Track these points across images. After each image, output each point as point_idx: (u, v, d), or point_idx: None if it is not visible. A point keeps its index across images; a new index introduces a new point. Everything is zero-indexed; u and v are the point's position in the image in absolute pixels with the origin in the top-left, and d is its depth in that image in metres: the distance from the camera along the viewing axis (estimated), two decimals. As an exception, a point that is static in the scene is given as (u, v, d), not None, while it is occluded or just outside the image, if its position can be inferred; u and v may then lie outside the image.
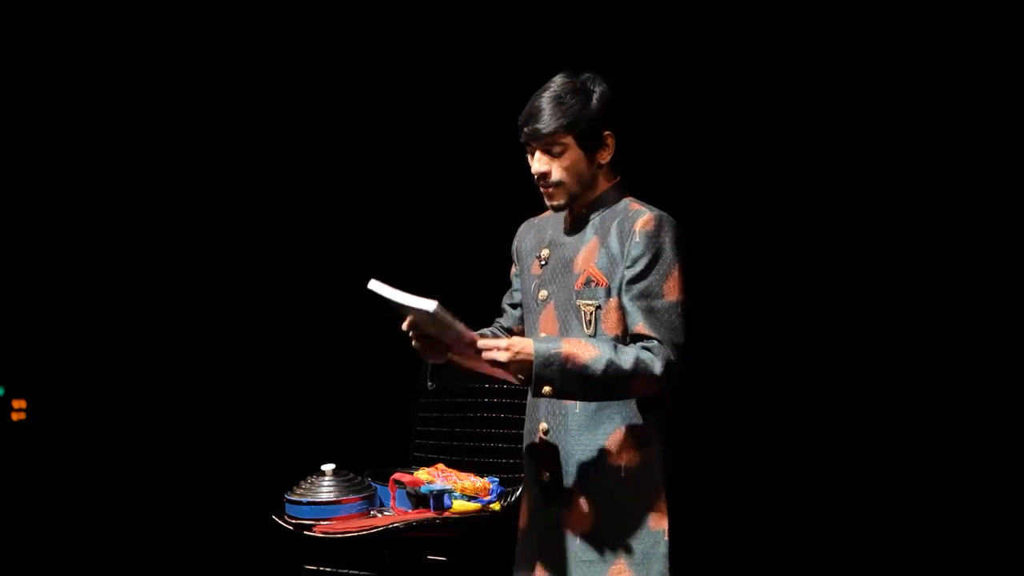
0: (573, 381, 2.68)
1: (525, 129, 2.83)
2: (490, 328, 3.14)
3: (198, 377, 4.97)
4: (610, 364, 2.68)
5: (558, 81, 2.84)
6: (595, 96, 2.82)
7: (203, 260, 4.99)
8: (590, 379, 2.68)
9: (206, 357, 4.97)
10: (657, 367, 2.70)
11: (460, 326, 2.69)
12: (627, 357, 2.70)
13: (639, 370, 2.69)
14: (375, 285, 2.74)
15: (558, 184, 2.84)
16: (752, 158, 4.34)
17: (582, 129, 2.81)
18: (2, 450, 4.80)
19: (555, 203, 2.87)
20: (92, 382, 4.96)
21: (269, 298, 4.98)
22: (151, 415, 4.97)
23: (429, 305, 2.64)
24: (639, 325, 2.76)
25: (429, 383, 2.93)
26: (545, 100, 2.81)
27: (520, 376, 2.71)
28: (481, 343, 2.69)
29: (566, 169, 2.83)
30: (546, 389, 2.69)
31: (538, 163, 2.84)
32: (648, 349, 2.72)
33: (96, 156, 4.96)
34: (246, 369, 4.95)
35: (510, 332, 3.12)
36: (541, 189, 2.87)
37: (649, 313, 2.75)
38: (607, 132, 2.84)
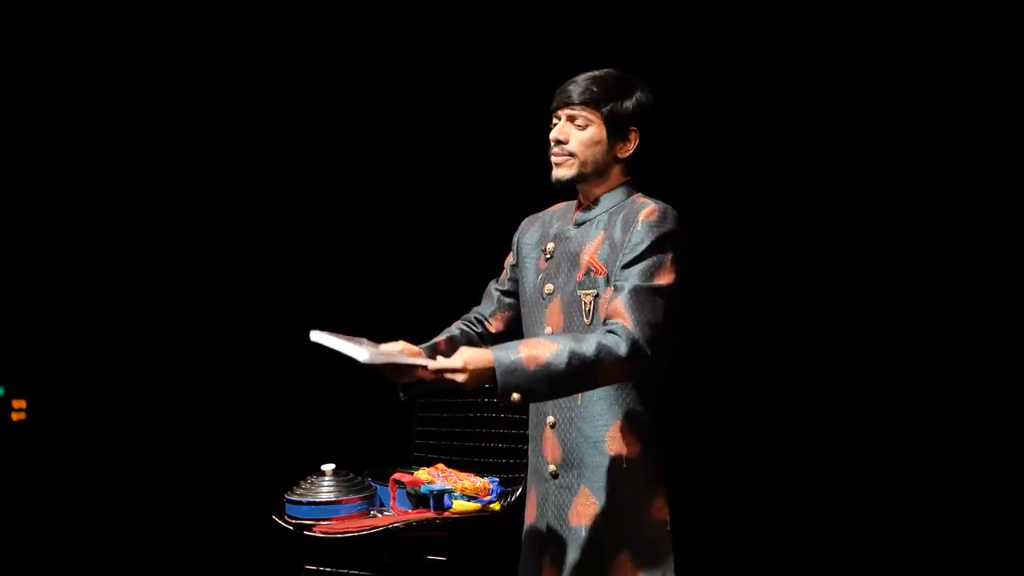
0: (538, 382, 2.63)
1: (559, 96, 2.88)
2: (463, 321, 3.14)
3: (198, 377, 4.97)
4: (572, 355, 2.64)
5: (609, 70, 2.90)
6: (636, 93, 2.87)
7: (203, 260, 4.99)
8: (555, 375, 2.63)
9: (206, 357, 4.98)
10: (622, 349, 2.66)
11: (408, 360, 2.67)
12: (589, 345, 2.65)
13: (603, 355, 2.65)
14: (317, 336, 2.68)
15: (570, 155, 2.87)
16: (753, 158, 4.34)
17: (610, 112, 2.85)
18: (2, 450, 4.81)
19: (561, 172, 2.88)
20: (92, 382, 4.96)
21: (269, 298, 4.98)
22: (151, 415, 4.97)
23: (360, 354, 2.61)
24: (616, 302, 2.73)
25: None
26: (587, 75, 2.88)
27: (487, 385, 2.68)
28: (436, 366, 2.65)
29: (583, 142, 2.86)
30: (515, 396, 2.63)
31: (559, 129, 2.88)
32: (612, 332, 2.68)
33: (96, 156, 4.96)
34: (246, 369, 4.95)
35: (485, 321, 3.12)
36: (552, 157, 2.89)
37: (631, 293, 2.73)
38: (632, 128, 2.86)
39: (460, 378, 2.63)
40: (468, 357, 2.64)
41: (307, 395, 4.91)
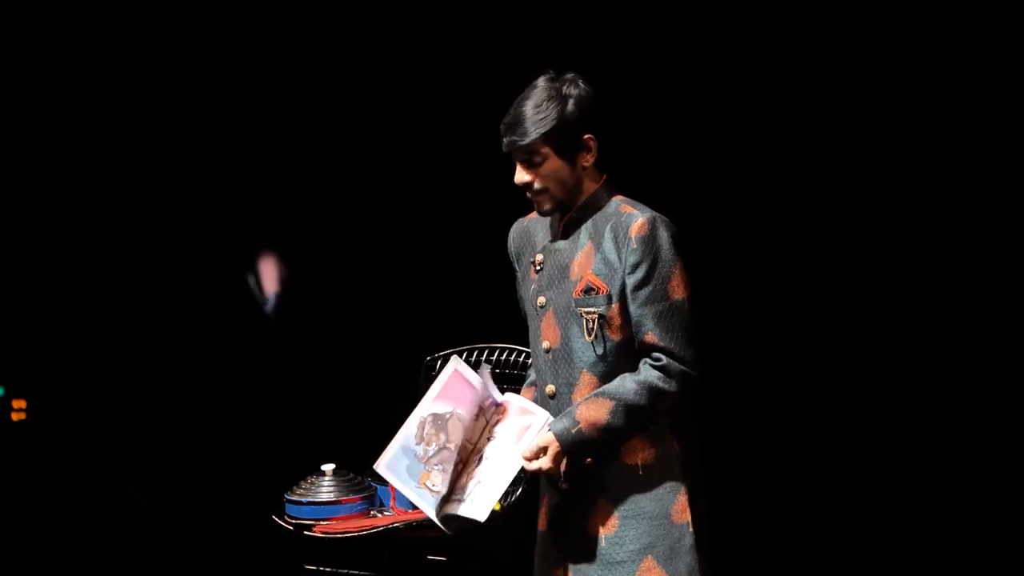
0: (604, 441, 2.80)
1: (505, 140, 2.86)
2: (526, 386, 3.15)
3: (198, 377, 4.97)
4: (628, 409, 2.77)
5: (537, 87, 2.85)
6: (571, 101, 2.82)
7: (203, 260, 4.98)
8: (617, 431, 2.78)
9: (206, 357, 4.97)
10: (673, 385, 2.78)
11: (514, 474, 2.87)
12: (641, 391, 2.77)
13: (655, 398, 2.78)
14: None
15: (542, 191, 2.86)
16: (750, 157, 4.35)
17: (560, 136, 2.82)
18: (2, 450, 4.81)
19: (543, 209, 2.90)
20: (92, 382, 4.96)
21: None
22: (151, 415, 4.97)
23: (480, 516, 2.86)
24: (649, 334, 2.79)
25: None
26: (522, 110, 2.83)
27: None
28: (528, 467, 2.83)
29: (547, 177, 2.85)
30: (588, 461, 2.82)
31: (519, 173, 2.87)
32: (660, 368, 2.78)
33: (96, 156, 4.96)
34: (246, 369, 4.95)
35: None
36: (528, 196, 2.90)
37: (657, 319, 2.78)
38: (587, 135, 2.85)
39: (545, 466, 2.81)
40: (540, 441, 2.82)
41: (307, 395, 4.91)
